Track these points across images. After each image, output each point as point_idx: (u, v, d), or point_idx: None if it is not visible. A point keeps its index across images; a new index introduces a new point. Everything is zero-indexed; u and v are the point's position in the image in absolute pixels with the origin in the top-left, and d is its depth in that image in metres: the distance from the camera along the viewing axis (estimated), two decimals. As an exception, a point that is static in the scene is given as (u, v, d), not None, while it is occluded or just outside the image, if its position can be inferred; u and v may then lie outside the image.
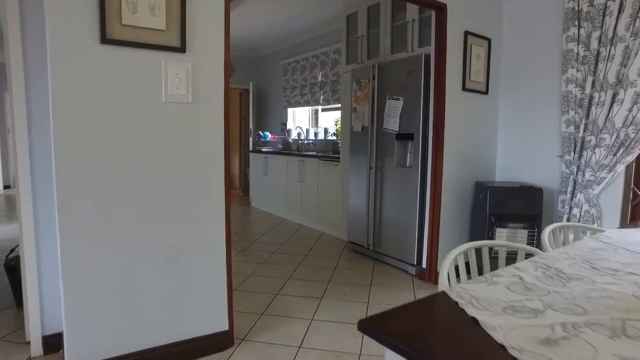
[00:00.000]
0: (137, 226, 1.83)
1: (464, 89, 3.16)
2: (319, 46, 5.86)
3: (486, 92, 3.35)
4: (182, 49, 1.85)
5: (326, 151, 5.64)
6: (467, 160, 3.31)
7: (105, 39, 1.67)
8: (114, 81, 1.73)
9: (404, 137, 3.37)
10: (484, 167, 3.44)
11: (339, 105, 5.37)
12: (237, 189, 8.65)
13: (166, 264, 1.92)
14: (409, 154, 3.42)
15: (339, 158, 4.48)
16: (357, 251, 3.97)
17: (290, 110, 6.89)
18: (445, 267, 1.23)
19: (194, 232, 1.98)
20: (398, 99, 3.37)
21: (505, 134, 3.46)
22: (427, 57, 3.16)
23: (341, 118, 4.51)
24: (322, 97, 5.87)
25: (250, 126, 7.10)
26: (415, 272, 3.32)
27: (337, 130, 5.62)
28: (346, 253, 3.97)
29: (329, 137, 5.71)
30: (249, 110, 7.17)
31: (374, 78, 3.60)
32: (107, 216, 1.76)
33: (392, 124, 3.42)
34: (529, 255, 1.38)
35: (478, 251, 1.43)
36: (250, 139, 7.03)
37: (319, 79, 5.89)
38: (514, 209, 2.95)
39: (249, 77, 7.56)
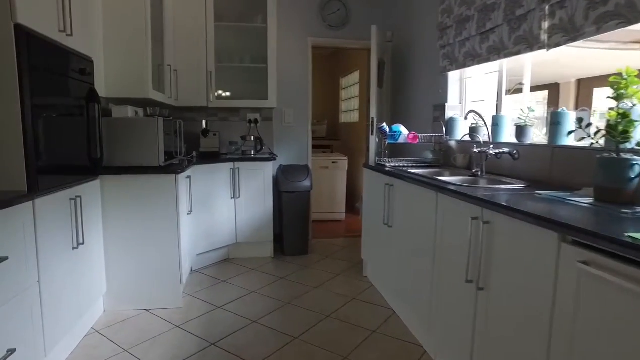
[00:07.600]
0: None
1: None
2: None
3: None
4: None
5: (554, 180, 1.87)
6: None
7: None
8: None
9: None
10: None
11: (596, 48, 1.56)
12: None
13: None
14: None
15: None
16: None
17: (454, 77, 3.23)
18: None
19: None
20: None
21: None
22: None
23: None
24: (545, 25, 2.08)
25: (372, 115, 3.71)
26: None
27: (614, 115, 1.63)
28: None
29: (561, 139, 1.91)
30: (369, 84, 3.81)
31: None
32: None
33: None
34: None
35: None
36: (372, 139, 3.65)
37: (539, -25, 2.11)
38: None
39: (376, 24, 4.13)
